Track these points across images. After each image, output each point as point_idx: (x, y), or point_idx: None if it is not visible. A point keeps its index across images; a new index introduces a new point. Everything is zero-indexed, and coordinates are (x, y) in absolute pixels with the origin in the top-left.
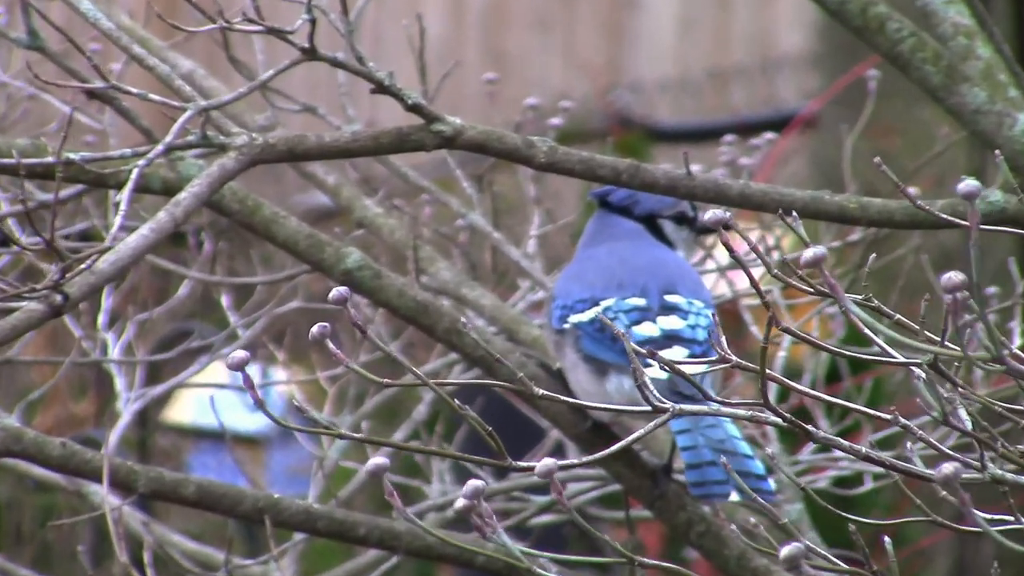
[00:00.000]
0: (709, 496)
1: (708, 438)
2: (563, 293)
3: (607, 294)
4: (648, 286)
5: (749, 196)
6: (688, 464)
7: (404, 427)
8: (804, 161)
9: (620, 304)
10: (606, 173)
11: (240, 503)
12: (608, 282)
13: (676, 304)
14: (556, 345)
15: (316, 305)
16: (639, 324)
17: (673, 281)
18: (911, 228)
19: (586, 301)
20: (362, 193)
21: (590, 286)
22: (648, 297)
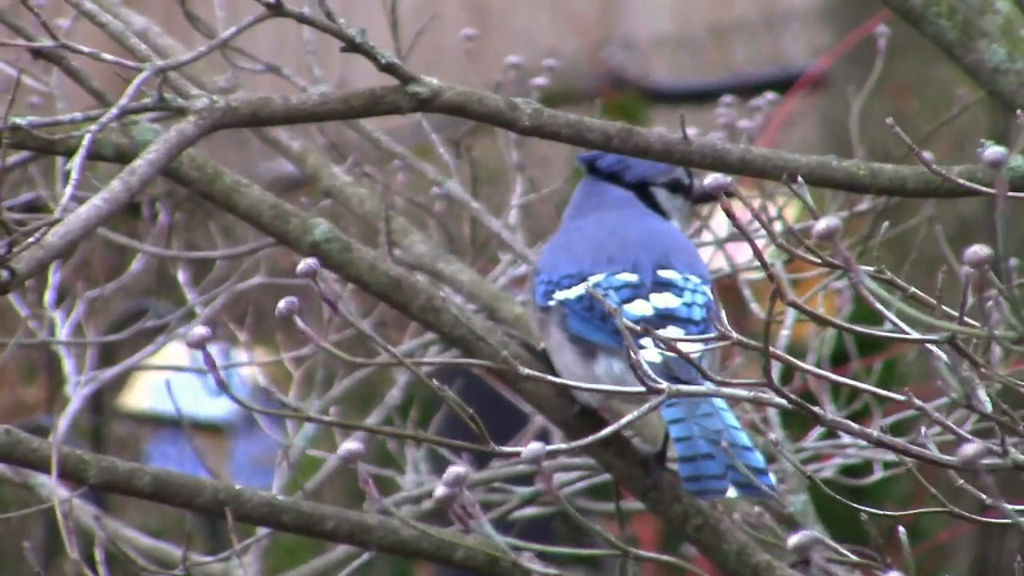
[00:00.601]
0: (704, 492)
1: (704, 428)
2: (548, 267)
3: (596, 269)
4: (640, 260)
5: (750, 162)
6: (682, 457)
7: (376, 412)
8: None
9: (610, 280)
10: (596, 137)
11: (199, 495)
12: (597, 256)
13: (670, 280)
14: (540, 324)
15: (281, 281)
16: (630, 302)
17: (667, 254)
18: (925, 196)
19: (573, 276)
20: (330, 160)
21: (577, 260)
22: (640, 272)
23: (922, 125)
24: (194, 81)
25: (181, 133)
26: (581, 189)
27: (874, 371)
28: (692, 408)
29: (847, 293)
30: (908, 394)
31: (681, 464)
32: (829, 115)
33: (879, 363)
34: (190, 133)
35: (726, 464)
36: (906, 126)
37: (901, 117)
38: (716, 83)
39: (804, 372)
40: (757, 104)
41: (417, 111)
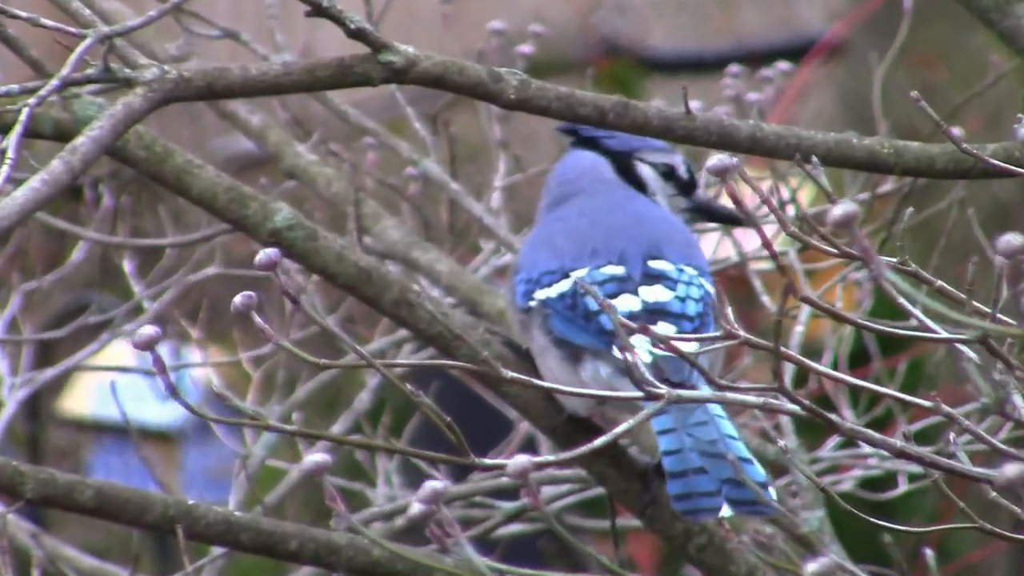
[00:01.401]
0: (695, 512)
1: (696, 439)
2: (527, 264)
3: (578, 263)
4: (628, 250)
5: (761, 140)
6: (670, 472)
7: (343, 419)
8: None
9: (593, 275)
10: (589, 112)
11: (147, 511)
12: (580, 248)
13: (662, 271)
14: (522, 326)
15: (238, 272)
16: (615, 297)
17: (659, 243)
18: (956, 178)
19: (554, 273)
20: (294, 137)
21: (558, 255)
22: (628, 264)
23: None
24: (143, 49)
25: (128, 107)
26: (560, 172)
27: (898, 372)
28: (684, 416)
29: (868, 285)
30: (936, 400)
31: (670, 480)
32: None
33: (904, 363)
34: (138, 107)
35: (720, 479)
36: (934, 99)
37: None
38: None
39: (819, 375)
40: (768, 74)
41: (390, 83)
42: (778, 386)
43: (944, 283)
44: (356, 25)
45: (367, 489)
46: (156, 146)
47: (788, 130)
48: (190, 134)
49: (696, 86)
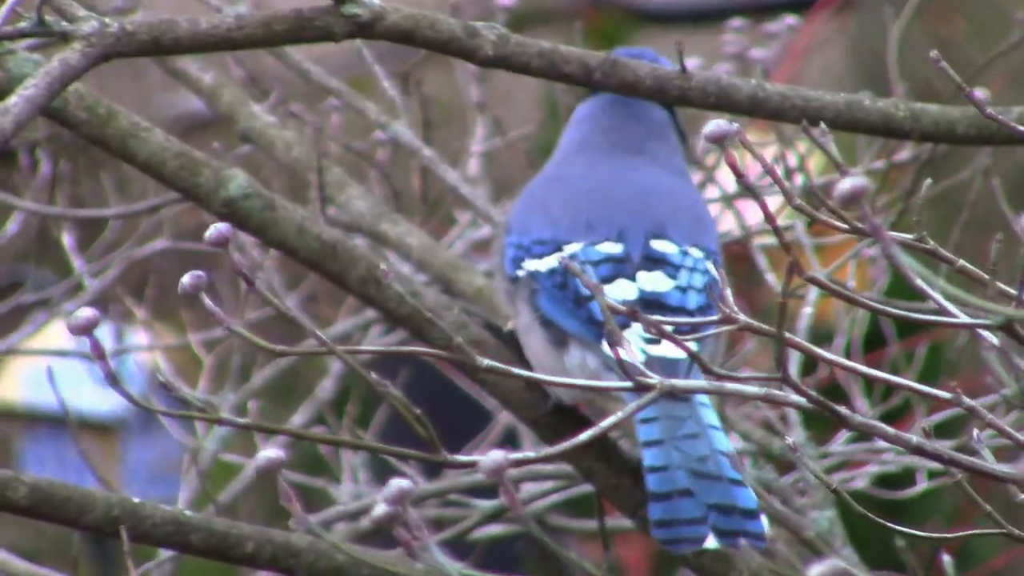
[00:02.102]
0: (676, 542)
1: (685, 455)
2: (519, 226)
3: (572, 236)
4: (629, 227)
5: (763, 101)
6: (653, 493)
7: (304, 409)
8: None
9: (588, 252)
10: (573, 70)
11: (88, 510)
12: (576, 218)
13: (664, 255)
14: (508, 296)
15: (188, 246)
16: (611, 282)
17: (663, 221)
18: (979, 144)
19: (546, 244)
20: (249, 97)
21: (553, 222)
22: (628, 242)
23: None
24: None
25: (65, 64)
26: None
27: (917, 357)
28: (674, 426)
29: (882, 262)
30: (956, 391)
31: (651, 503)
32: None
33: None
34: (76, 64)
35: (708, 504)
36: (954, 56)
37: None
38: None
39: (827, 363)
40: (772, 29)
41: (354, 38)
42: (782, 375)
43: (966, 262)
44: None
45: (330, 486)
46: (99, 107)
47: (794, 90)
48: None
49: (693, 41)
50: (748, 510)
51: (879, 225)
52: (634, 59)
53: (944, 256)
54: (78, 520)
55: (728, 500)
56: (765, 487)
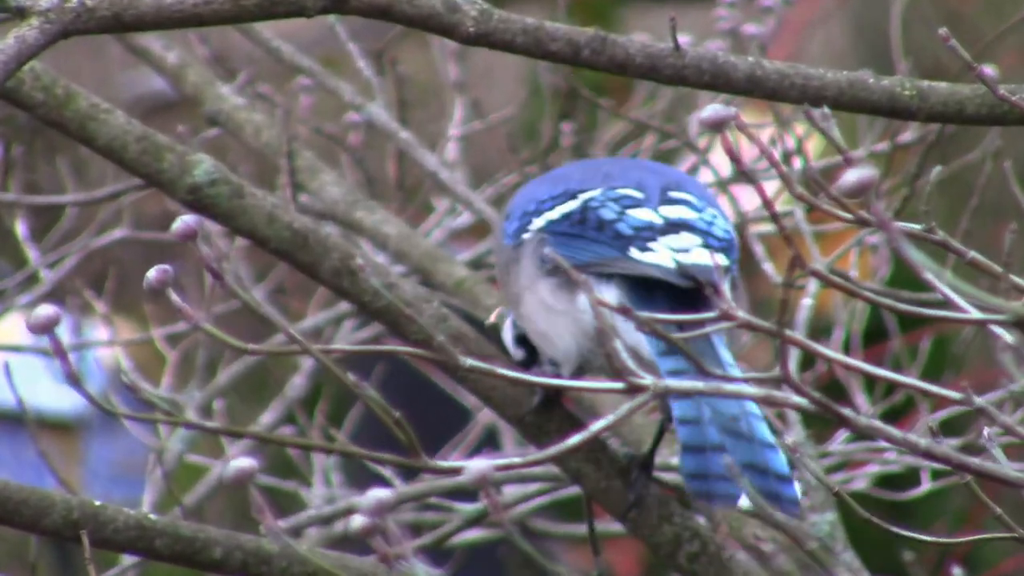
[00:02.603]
0: (710, 495)
1: (717, 412)
2: (523, 202)
3: (588, 187)
4: (646, 182)
5: (761, 80)
6: (685, 445)
7: (274, 407)
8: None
9: (607, 193)
10: (560, 48)
11: (47, 513)
12: (590, 176)
13: (684, 199)
14: (507, 267)
15: (150, 235)
16: (634, 209)
17: (678, 181)
18: (990, 124)
19: (557, 197)
20: (216, 77)
21: (563, 183)
22: (645, 191)
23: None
24: None
25: (21, 41)
26: None
27: (921, 351)
28: None
29: (885, 250)
30: (966, 391)
31: (683, 455)
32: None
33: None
34: (33, 41)
35: (742, 462)
36: (963, 31)
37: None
38: None
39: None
40: (768, 3)
41: (328, 13)
42: (782, 374)
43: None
44: None
45: (302, 489)
46: (56, 87)
47: (793, 68)
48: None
49: (685, 17)
50: (781, 474)
51: (886, 217)
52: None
53: (955, 248)
54: (35, 524)
55: (761, 461)
56: None
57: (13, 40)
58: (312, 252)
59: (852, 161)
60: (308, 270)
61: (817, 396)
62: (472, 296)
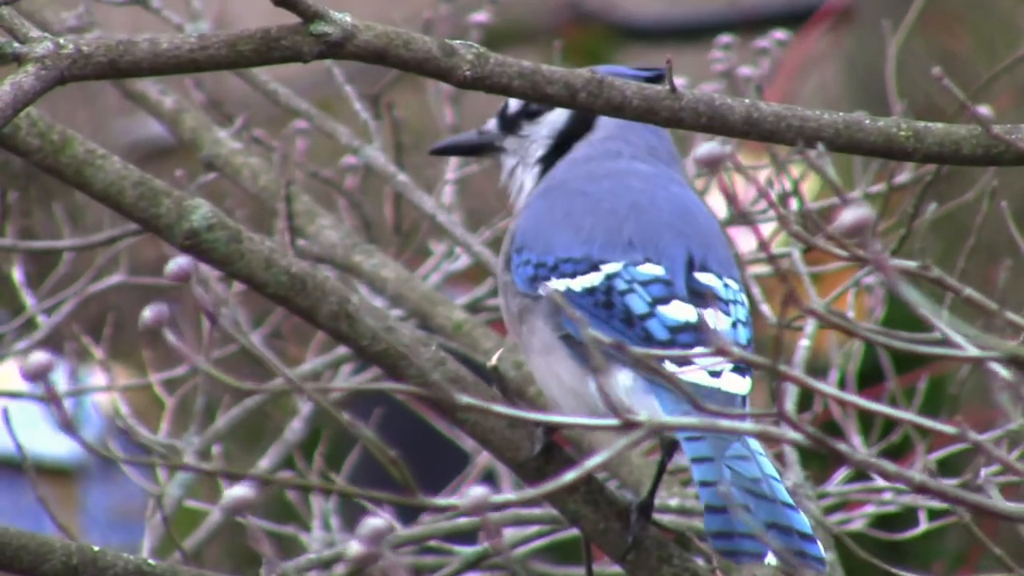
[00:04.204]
0: (736, 553)
1: (738, 475)
2: (538, 241)
3: (610, 255)
4: (668, 250)
5: (758, 122)
6: (708, 506)
7: (273, 451)
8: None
9: (631, 272)
10: (556, 91)
11: (46, 559)
12: (612, 237)
13: (711, 288)
14: (520, 313)
15: (147, 280)
16: (665, 303)
17: (703, 247)
18: (985, 164)
19: (579, 262)
20: (213, 121)
21: (583, 239)
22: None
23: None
24: (34, 19)
25: (17, 88)
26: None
27: (918, 391)
28: (721, 446)
29: (880, 290)
30: (962, 427)
31: (707, 515)
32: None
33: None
34: (29, 87)
35: (766, 522)
36: (956, 70)
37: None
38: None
39: (829, 398)
40: (763, 44)
41: (324, 58)
42: (778, 412)
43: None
44: None
45: (301, 533)
46: (52, 133)
47: (789, 110)
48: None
49: (681, 59)
50: (805, 533)
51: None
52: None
53: (950, 285)
54: (35, 570)
55: (784, 521)
56: None
57: (9, 86)
58: (310, 296)
59: (848, 201)
60: (306, 314)
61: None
62: (470, 339)
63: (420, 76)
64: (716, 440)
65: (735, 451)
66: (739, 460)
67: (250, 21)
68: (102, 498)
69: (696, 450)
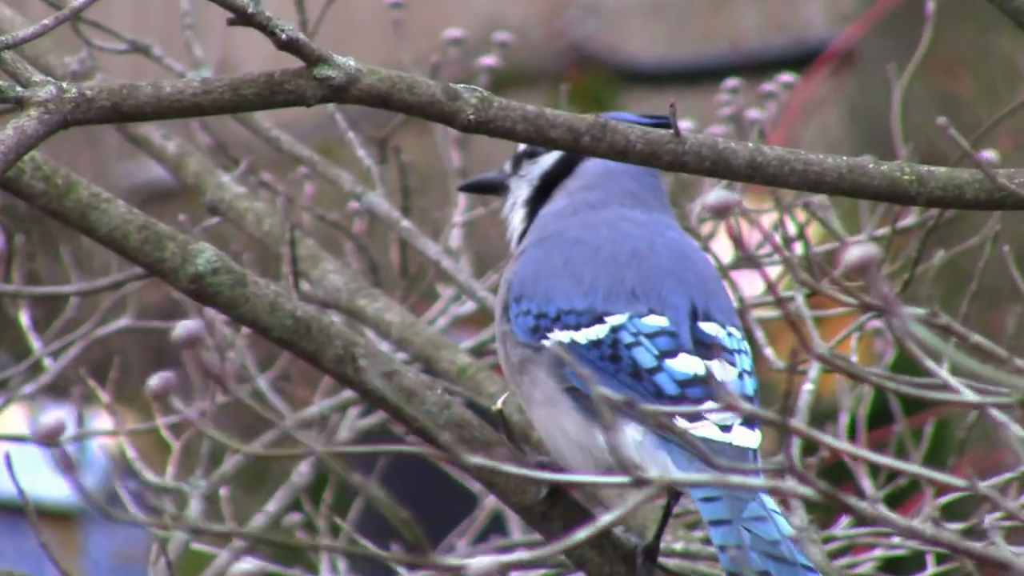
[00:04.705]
0: None
1: (756, 538)
2: (537, 291)
3: (613, 306)
4: (671, 300)
5: (762, 166)
6: (730, 573)
7: (280, 495)
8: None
9: (636, 324)
10: (560, 135)
11: None
12: (614, 287)
13: (716, 338)
14: (521, 364)
15: (152, 324)
16: (672, 356)
17: (705, 295)
18: (989, 209)
19: (582, 314)
20: (216, 166)
21: (585, 290)
22: (670, 313)
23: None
24: (38, 64)
25: (20, 132)
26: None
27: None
28: (738, 507)
29: (888, 334)
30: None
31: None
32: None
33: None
34: (32, 132)
35: None
36: (959, 114)
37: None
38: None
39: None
40: (771, 88)
41: (328, 102)
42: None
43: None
44: (288, 34)
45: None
46: (57, 177)
47: (793, 154)
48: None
49: (685, 102)
50: None
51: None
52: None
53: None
54: None
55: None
56: None
57: (12, 131)
58: (315, 340)
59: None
60: (311, 358)
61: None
62: (475, 383)
63: (424, 119)
64: (733, 501)
65: (752, 512)
66: (757, 522)
67: (253, 64)
68: (105, 542)
69: (713, 512)
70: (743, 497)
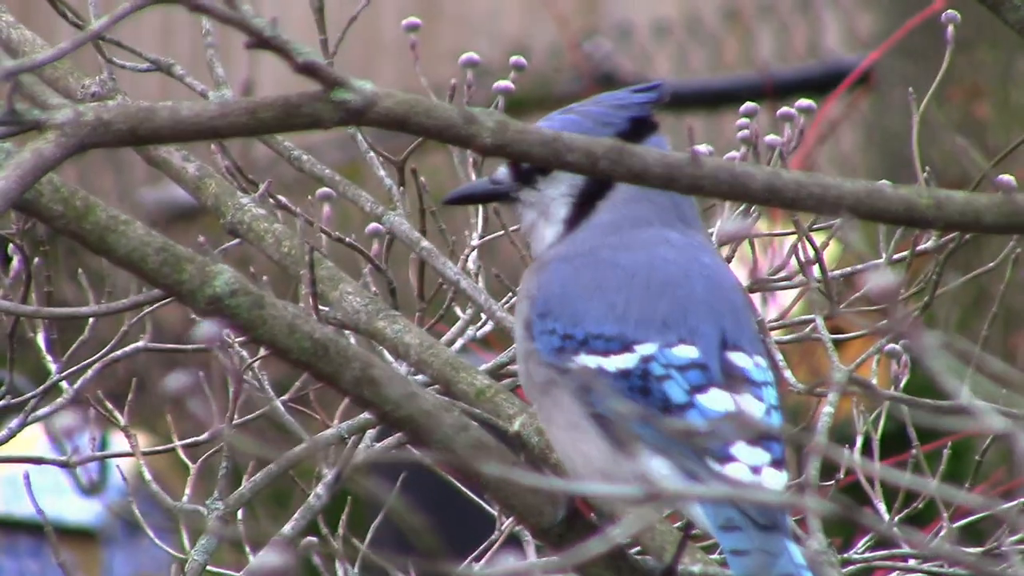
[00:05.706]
0: None
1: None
2: (564, 309)
3: (644, 335)
4: (700, 328)
5: (779, 190)
6: None
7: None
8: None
9: (667, 355)
10: (577, 158)
11: None
12: (646, 314)
13: (744, 370)
14: (543, 387)
15: (171, 347)
16: (703, 391)
17: (736, 324)
18: (1007, 233)
19: (612, 340)
20: (237, 187)
21: (618, 316)
22: (699, 344)
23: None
24: (57, 85)
25: (39, 155)
26: None
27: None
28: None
29: (906, 357)
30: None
31: None
32: (874, 124)
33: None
34: (50, 155)
35: None
36: (979, 137)
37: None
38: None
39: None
40: (790, 112)
41: (345, 124)
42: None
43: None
44: (305, 57)
45: None
46: (75, 199)
47: (811, 178)
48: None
49: (705, 126)
50: None
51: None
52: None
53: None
54: None
55: None
56: None
57: (30, 154)
58: (333, 362)
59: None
60: (329, 380)
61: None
62: (493, 405)
63: (442, 143)
64: (761, 556)
65: (781, 569)
66: (772, 556)
67: (273, 88)
68: (125, 562)
69: (744, 568)
70: (774, 552)
